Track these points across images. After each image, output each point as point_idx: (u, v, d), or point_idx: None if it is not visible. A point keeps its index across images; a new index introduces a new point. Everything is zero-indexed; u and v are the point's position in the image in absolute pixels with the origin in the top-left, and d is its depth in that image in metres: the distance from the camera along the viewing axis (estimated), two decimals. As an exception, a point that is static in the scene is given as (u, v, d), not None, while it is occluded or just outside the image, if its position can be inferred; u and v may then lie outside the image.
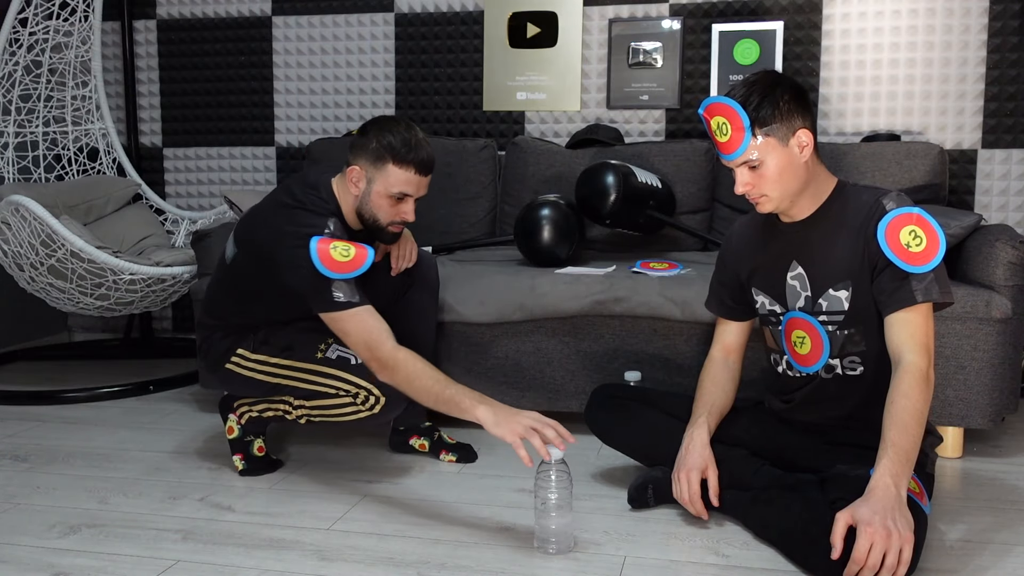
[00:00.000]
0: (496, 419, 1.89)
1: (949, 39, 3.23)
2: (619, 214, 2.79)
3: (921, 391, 1.72)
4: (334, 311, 2.05)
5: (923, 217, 1.79)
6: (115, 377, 3.35)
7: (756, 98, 1.80)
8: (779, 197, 1.86)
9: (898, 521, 1.60)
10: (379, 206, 2.15)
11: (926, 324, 1.78)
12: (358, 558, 1.84)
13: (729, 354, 2.14)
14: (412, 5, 3.65)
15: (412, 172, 2.12)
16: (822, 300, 1.90)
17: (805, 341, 1.96)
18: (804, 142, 1.82)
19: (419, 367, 2.01)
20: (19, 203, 2.88)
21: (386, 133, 2.11)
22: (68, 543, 1.91)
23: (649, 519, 2.03)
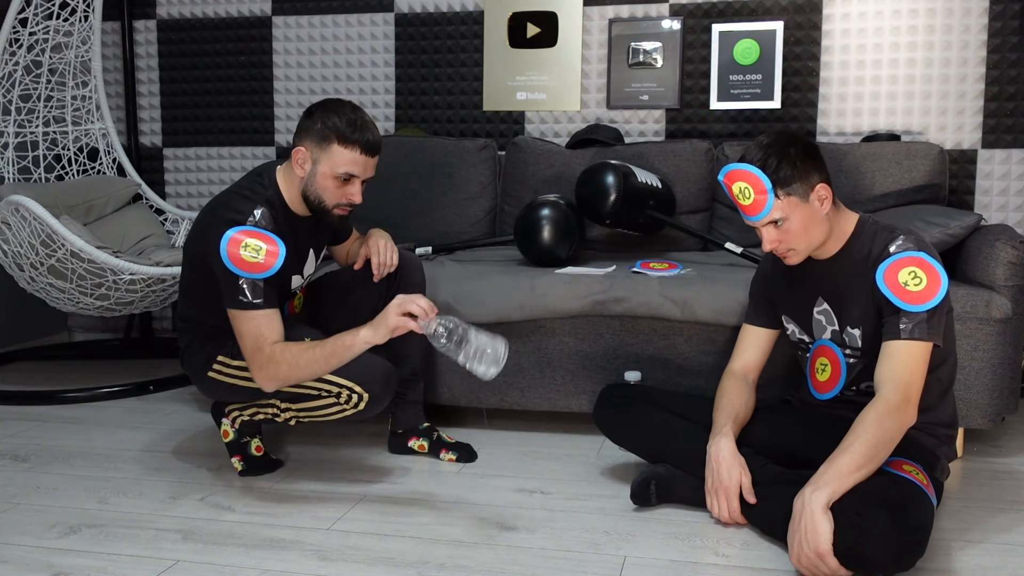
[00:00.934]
0: (375, 329, 1.99)
1: (949, 39, 3.23)
2: (619, 214, 2.79)
3: (882, 424, 1.77)
4: (235, 308, 2.07)
5: (927, 261, 1.85)
6: (115, 377, 3.35)
7: (774, 160, 1.88)
8: (805, 249, 1.95)
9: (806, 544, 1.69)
10: (324, 187, 2.14)
11: (910, 362, 1.83)
12: (358, 558, 1.84)
13: (748, 372, 2.17)
14: (412, 5, 3.65)
15: (358, 152, 2.12)
16: (845, 335, 1.98)
17: (827, 369, 2.03)
18: (823, 196, 1.91)
19: (294, 348, 2.05)
20: (19, 203, 2.88)
21: (332, 115, 2.11)
22: (68, 543, 1.91)
23: (649, 519, 2.04)
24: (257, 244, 2.06)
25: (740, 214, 1.94)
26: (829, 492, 1.71)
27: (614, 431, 2.26)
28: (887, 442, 1.77)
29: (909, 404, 1.81)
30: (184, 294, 2.30)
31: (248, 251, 2.06)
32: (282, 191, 2.20)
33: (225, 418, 2.38)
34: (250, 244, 2.06)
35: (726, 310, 2.49)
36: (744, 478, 1.95)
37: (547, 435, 2.66)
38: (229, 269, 2.05)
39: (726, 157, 3.20)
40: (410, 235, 3.28)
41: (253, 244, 2.06)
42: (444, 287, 2.64)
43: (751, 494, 1.95)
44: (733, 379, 2.15)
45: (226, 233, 2.06)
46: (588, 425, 2.74)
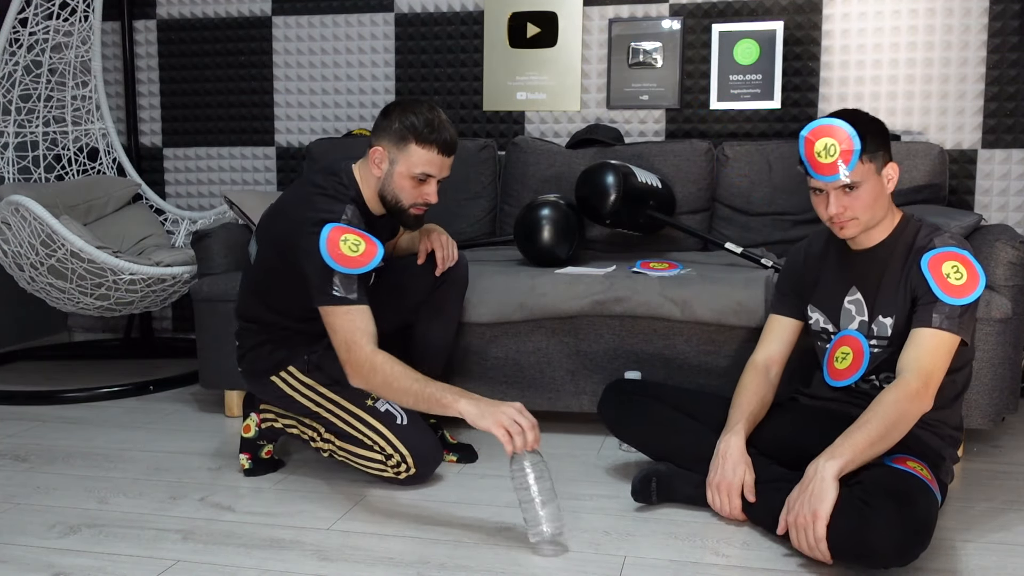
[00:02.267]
0: (480, 411, 1.90)
1: (949, 39, 3.23)
2: (619, 214, 2.79)
3: (900, 405, 1.80)
4: (329, 304, 2.05)
5: (968, 259, 1.89)
6: (115, 377, 3.35)
7: (864, 126, 1.90)
8: (866, 221, 1.95)
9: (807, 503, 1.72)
10: (401, 187, 2.14)
11: (936, 352, 1.85)
12: (358, 558, 1.84)
13: (772, 365, 2.16)
14: (412, 5, 3.65)
15: (435, 152, 2.12)
16: (874, 325, 1.98)
17: (847, 357, 2.03)
18: (891, 176, 1.95)
19: (397, 370, 2.00)
20: (19, 203, 2.88)
21: (409, 114, 2.11)
22: (68, 543, 1.91)
23: (649, 519, 2.04)
24: (356, 240, 2.06)
25: (810, 173, 1.91)
26: (842, 462, 1.73)
27: (618, 425, 2.26)
28: (902, 424, 1.80)
29: (927, 391, 1.82)
30: (252, 297, 2.28)
31: (347, 245, 2.04)
32: (361, 189, 2.19)
33: (255, 413, 2.35)
34: (350, 239, 2.05)
35: (726, 310, 2.49)
36: (748, 477, 1.96)
37: (547, 435, 2.66)
38: (326, 263, 2.02)
39: (726, 157, 3.20)
40: (410, 235, 3.28)
41: (353, 239, 2.05)
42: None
43: (752, 493, 1.95)
44: (754, 373, 2.14)
45: (325, 228, 2.04)
46: (588, 425, 2.74)
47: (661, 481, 2.10)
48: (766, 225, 3.13)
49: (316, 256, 2.02)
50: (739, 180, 3.17)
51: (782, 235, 3.11)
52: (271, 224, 2.23)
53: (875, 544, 1.66)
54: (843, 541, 1.69)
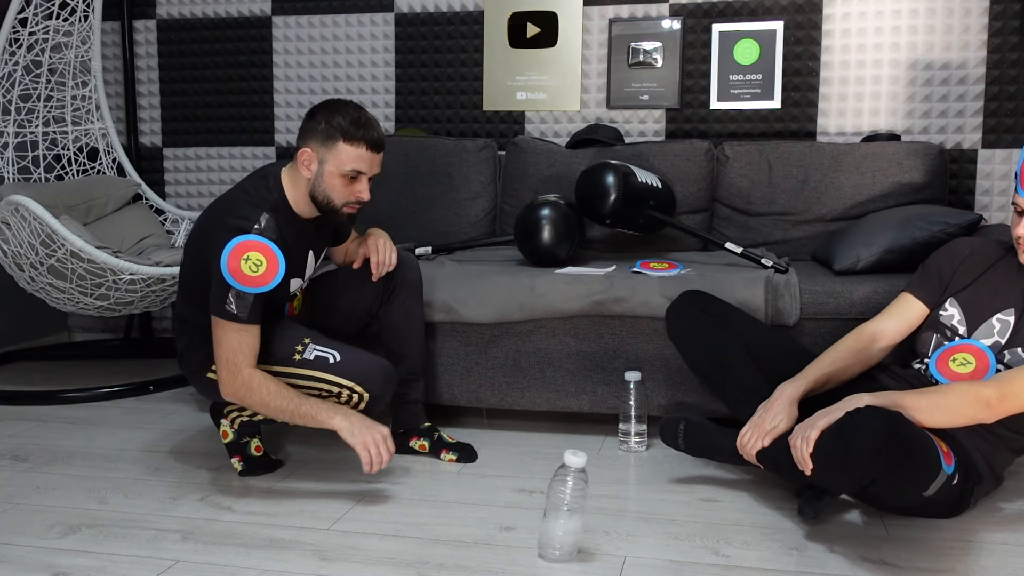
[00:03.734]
0: (351, 427, 2.07)
1: (949, 39, 3.23)
2: (619, 214, 2.79)
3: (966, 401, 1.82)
4: (220, 317, 2.08)
5: None
6: (115, 377, 3.35)
7: None
8: None
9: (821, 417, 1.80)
10: (332, 186, 2.14)
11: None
12: (358, 558, 1.84)
13: (880, 339, 2.12)
14: (412, 5, 3.65)
15: (364, 149, 2.13)
16: (1008, 352, 1.96)
17: (968, 365, 1.99)
18: None
19: (273, 388, 2.09)
20: (19, 203, 2.88)
21: (335, 114, 2.12)
22: (68, 543, 1.91)
23: (649, 519, 2.04)
24: (259, 259, 2.07)
25: (1017, 190, 1.91)
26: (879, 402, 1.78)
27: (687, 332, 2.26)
28: (955, 414, 1.82)
29: (998, 402, 1.81)
30: (183, 294, 2.30)
31: (248, 265, 2.06)
32: (287, 194, 2.20)
33: (224, 419, 2.37)
34: (252, 257, 2.06)
35: (726, 310, 2.48)
36: (782, 426, 1.96)
37: (547, 435, 2.66)
38: (224, 278, 2.06)
39: (726, 157, 3.20)
40: (410, 235, 3.28)
41: (255, 258, 2.07)
42: (444, 287, 2.64)
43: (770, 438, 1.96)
44: (855, 339, 2.12)
45: (231, 242, 2.06)
46: (588, 425, 2.74)
47: (689, 429, 2.13)
48: (766, 225, 3.13)
49: (218, 268, 2.06)
50: (739, 180, 3.17)
51: (782, 235, 3.11)
52: (198, 225, 2.25)
53: (853, 440, 1.67)
54: (827, 439, 1.73)
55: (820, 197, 3.07)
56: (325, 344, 2.21)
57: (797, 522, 1.99)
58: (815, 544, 1.89)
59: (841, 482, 1.82)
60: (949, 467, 1.82)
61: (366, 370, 2.17)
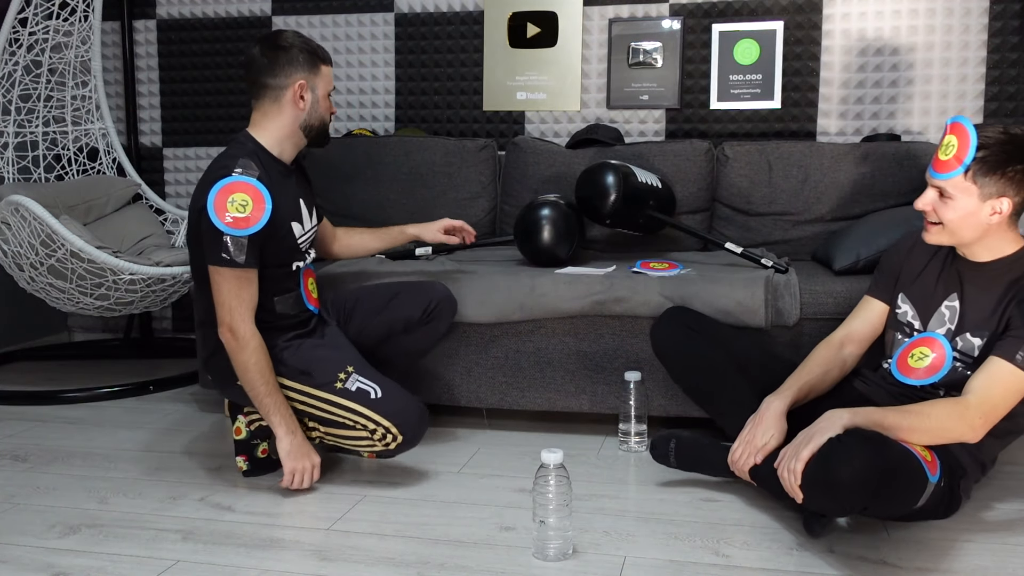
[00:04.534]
0: (290, 448, 2.16)
1: (949, 39, 3.23)
2: (619, 214, 2.79)
3: (948, 421, 1.80)
4: (218, 264, 2.08)
5: None
6: (115, 377, 3.35)
7: (994, 149, 1.82)
8: (948, 235, 1.91)
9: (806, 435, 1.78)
10: (325, 107, 2.26)
11: (1008, 388, 1.82)
12: (358, 558, 1.84)
13: (848, 343, 2.13)
14: (412, 5, 3.65)
15: (330, 67, 2.28)
16: (959, 339, 1.94)
17: (925, 359, 1.98)
18: (999, 210, 1.85)
19: (259, 362, 2.13)
20: (19, 203, 2.88)
21: (296, 40, 2.20)
22: (68, 543, 1.91)
23: (649, 519, 2.04)
24: (244, 198, 2.06)
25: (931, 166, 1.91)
26: (858, 420, 1.76)
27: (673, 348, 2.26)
28: (936, 436, 1.80)
29: (982, 424, 1.81)
30: (199, 293, 2.28)
31: (235, 207, 2.05)
32: (262, 143, 2.21)
33: (242, 415, 2.35)
34: (237, 199, 2.05)
35: (726, 310, 2.48)
36: (773, 442, 1.96)
37: (547, 435, 2.66)
38: (215, 225, 2.04)
39: (726, 157, 3.20)
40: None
41: (240, 199, 2.06)
42: (444, 287, 2.64)
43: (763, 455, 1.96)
44: (826, 347, 2.12)
45: (214, 188, 2.06)
46: (588, 425, 2.74)
47: (680, 446, 2.13)
48: (766, 225, 3.13)
49: (207, 217, 2.05)
50: (739, 180, 3.17)
51: (782, 235, 3.11)
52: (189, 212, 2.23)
53: (838, 473, 1.66)
54: (812, 471, 1.71)
55: (820, 197, 3.07)
56: (368, 375, 2.21)
57: (797, 522, 1.99)
58: (815, 544, 1.89)
59: (832, 510, 1.83)
60: (934, 476, 1.81)
61: (405, 412, 2.19)
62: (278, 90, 2.19)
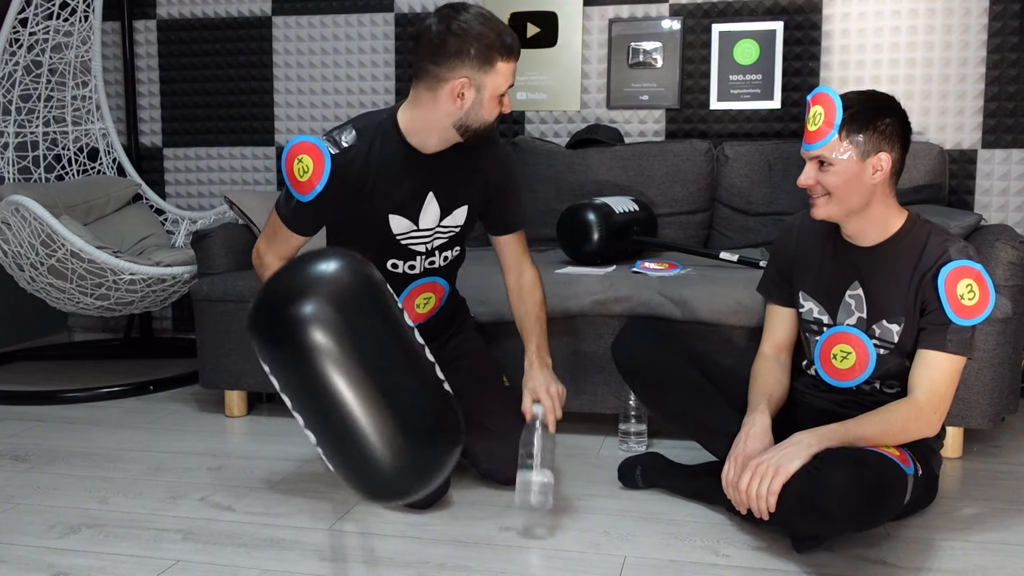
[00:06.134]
0: None
1: (949, 39, 3.23)
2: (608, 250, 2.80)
3: (906, 422, 1.81)
4: (274, 208, 2.07)
5: (982, 275, 1.83)
6: (115, 377, 3.35)
7: (859, 106, 1.83)
8: (836, 205, 1.87)
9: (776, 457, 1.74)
10: (491, 111, 1.95)
11: (949, 376, 1.84)
12: (358, 558, 1.84)
13: (780, 352, 2.12)
14: (412, 5, 3.65)
15: (513, 60, 1.93)
16: (876, 327, 1.93)
17: (849, 357, 1.97)
18: (880, 167, 1.83)
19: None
20: (19, 203, 2.88)
21: (479, 23, 1.87)
22: (68, 543, 1.91)
23: (649, 519, 2.04)
24: (308, 163, 1.94)
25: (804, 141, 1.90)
26: (826, 444, 1.75)
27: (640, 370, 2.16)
28: (899, 437, 1.81)
29: (938, 419, 1.83)
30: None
31: (299, 167, 1.95)
32: (400, 124, 2.00)
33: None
34: (303, 160, 1.94)
35: (726, 310, 2.49)
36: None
37: (547, 435, 2.66)
38: (284, 177, 2.00)
39: (726, 157, 3.20)
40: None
41: (305, 162, 1.94)
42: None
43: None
44: (764, 360, 2.10)
45: (297, 137, 1.98)
46: (588, 425, 2.74)
47: (646, 470, 2.14)
48: (766, 225, 3.13)
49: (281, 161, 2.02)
50: (739, 180, 3.17)
51: (782, 235, 3.11)
52: None
53: (826, 505, 1.65)
54: (794, 500, 1.69)
55: (820, 197, 3.07)
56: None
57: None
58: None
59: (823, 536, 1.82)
60: (910, 468, 1.81)
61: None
62: (438, 80, 1.92)
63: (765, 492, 1.73)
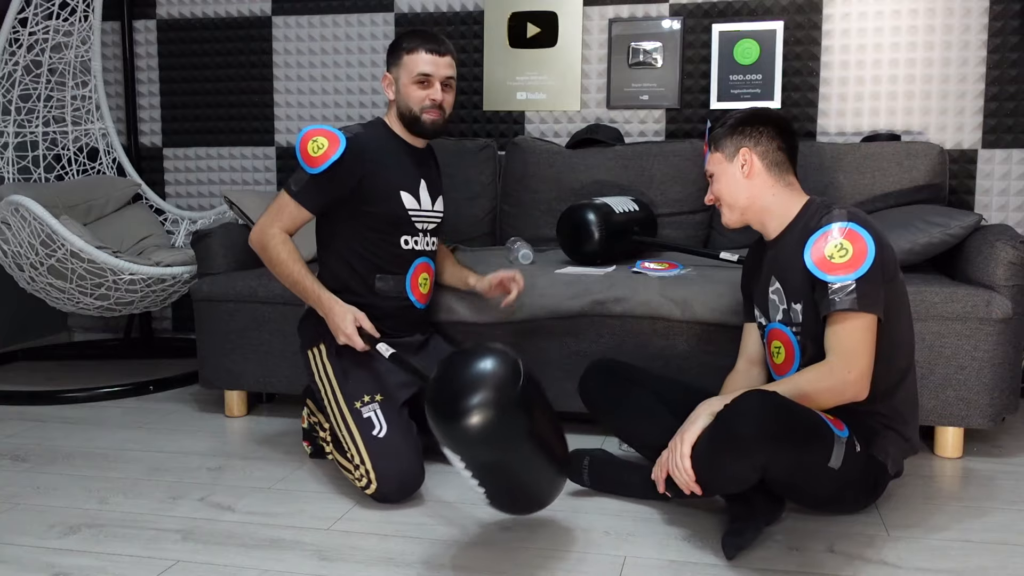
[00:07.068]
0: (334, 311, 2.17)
1: (949, 39, 3.23)
2: (608, 251, 2.80)
3: (817, 381, 1.82)
4: (282, 190, 2.26)
5: (855, 231, 1.85)
6: (115, 377, 3.35)
7: (722, 121, 2.05)
8: (728, 209, 2.05)
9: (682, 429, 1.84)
10: (409, 95, 2.29)
11: (852, 333, 1.82)
12: (358, 558, 1.84)
13: (752, 366, 2.17)
14: (412, 5, 3.65)
15: (423, 52, 2.27)
16: (791, 313, 1.98)
17: (780, 351, 2.03)
18: (743, 161, 2.00)
19: (283, 254, 2.22)
20: (19, 203, 2.88)
21: (399, 38, 2.33)
22: (68, 543, 1.91)
23: (649, 519, 2.04)
24: (322, 142, 2.19)
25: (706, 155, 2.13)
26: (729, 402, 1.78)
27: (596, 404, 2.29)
28: (816, 399, 1.81)
29: (854, 374, 1.81)
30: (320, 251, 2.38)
31: (313, 146, 2.19)
32: (388, 122, 2.37)
33: (306, 406, 2.46)
34: (317, 140, 2.19)
35: (726, 310, 2.48)
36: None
37: (547, 435, 2.66)
38: (297, 158, 2.21)
39: (726, 157, 3.20)
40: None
41: (320, 141, 2.19)
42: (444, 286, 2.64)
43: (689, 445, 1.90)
44: (734, 374, 2.17)
45: (304, 128, 2.24)
46: (588, 425, 2.74)
47: (593, 464, 2.16)
48: (766, 225, 3.13)
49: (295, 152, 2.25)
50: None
51: (782, 235, 3.11)
52: None
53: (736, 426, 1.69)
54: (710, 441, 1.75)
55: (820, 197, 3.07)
56: (389, 414, 2.17)
57: (796, 522, 1.99)
58: (815, 544, 1.89)
59: (738, 475, 1.77)
60: (843, 431, 1.82)
61: (392, 467, 2.11)
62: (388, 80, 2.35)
63: (679, 462, 1.79)
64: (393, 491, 2.11)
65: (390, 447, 2.12)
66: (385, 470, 2.10)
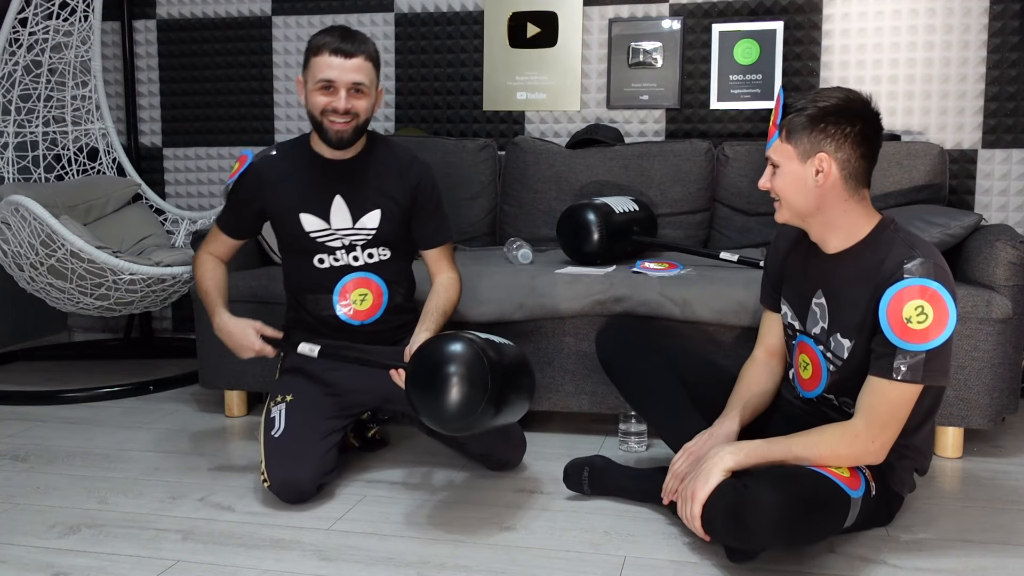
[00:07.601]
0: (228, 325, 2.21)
1: (949, 39, 3.23)
2: (608, 251, 2.80)
3: (839, 446, 1.72)
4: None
5: (938, 293, 1.66)
6: (115, 377, 3.35)
7: (802, 105, 1.76)
8: (788, 209, 1.82)
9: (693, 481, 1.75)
10: (314, 103, 2.17)
11: (896, 405, 1.71)
12: (358, 558, 1.84)
13: (771, 357, 2.07)
14: (412, 5, 3.65)
15: (327, 55, 2.13)
16: (831, 340, 1.84)
17: (808, 368, 1.93)
18: (821, 168, 1.75)
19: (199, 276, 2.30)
20: (19, 203, 2.88)
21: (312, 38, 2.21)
22: (68, 543, 1.91)
23: (649, 519, 2.03)
24: (235, 166, 2.29)
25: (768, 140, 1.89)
26: (742, 461, 1.73)
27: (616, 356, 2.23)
28: (829, 461, 1.73)
29: (879, 446, 1.72)
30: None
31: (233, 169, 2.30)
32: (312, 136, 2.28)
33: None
34: (235, 166, 2.29)
35: (726, 309, 2.49)
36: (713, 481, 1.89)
37: (547, 435, 2.66)
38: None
39: (726, 157, 3.20)
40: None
41: (235, 167, 2.29)
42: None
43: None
44: (752, 364, 2.07)
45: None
46: (588, 425, 2.74)
47: (593, 474, 2.13)
48: (766, 225, 3.13)
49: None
50: (739, 180, 3.17)
51: (782, 235, 3.10)
52: None
53: (749, 520, 1.61)
54: (721, 515, 1.68)
55: (820, 197, 3.07)
56: (293, 415, 2.16)
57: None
58: (815, 544, 1.89)
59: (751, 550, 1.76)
60: (857, 491, 1.75)
61: (278, 467, 2.08)
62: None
63: (688, 515, 1.75)
64: (278, 490, 2.09)
65: (281, 447, 2.11)
66: (272, 468, 2.10)
